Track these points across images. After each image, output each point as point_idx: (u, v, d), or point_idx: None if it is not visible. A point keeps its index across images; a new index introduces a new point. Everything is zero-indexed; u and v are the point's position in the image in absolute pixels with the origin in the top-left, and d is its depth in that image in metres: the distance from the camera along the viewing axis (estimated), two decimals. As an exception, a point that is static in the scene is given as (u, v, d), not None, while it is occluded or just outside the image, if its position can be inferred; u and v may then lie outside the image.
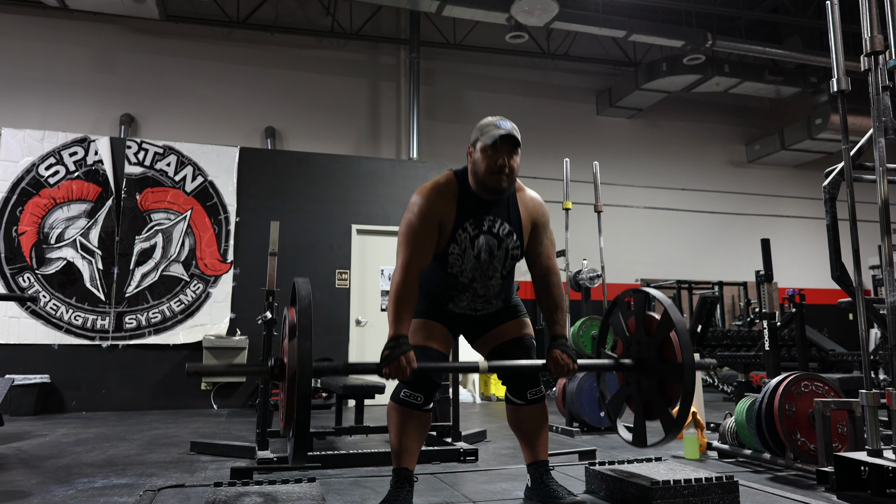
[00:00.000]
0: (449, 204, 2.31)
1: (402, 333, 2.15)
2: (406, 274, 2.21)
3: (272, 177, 6.97)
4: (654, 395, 2.43)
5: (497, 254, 2.35)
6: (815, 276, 11.33)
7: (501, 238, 2.35)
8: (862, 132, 3.00)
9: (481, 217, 2.33)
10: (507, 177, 2.27)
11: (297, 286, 2.17)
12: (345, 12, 9.76)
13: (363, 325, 6.91)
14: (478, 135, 2.31)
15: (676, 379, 2.34)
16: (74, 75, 8.71)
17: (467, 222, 2.32)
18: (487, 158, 2.26)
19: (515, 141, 2.27)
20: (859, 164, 2.86)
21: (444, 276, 2.37)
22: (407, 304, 2.19)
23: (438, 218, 2.28)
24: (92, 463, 3.42)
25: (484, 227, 2.33)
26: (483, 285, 2.38)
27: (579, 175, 8.05)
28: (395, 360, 2.10)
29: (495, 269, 2.37)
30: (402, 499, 2.25)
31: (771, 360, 4.85)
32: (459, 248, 2.31)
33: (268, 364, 2.20)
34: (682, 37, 9.15)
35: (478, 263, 2.34)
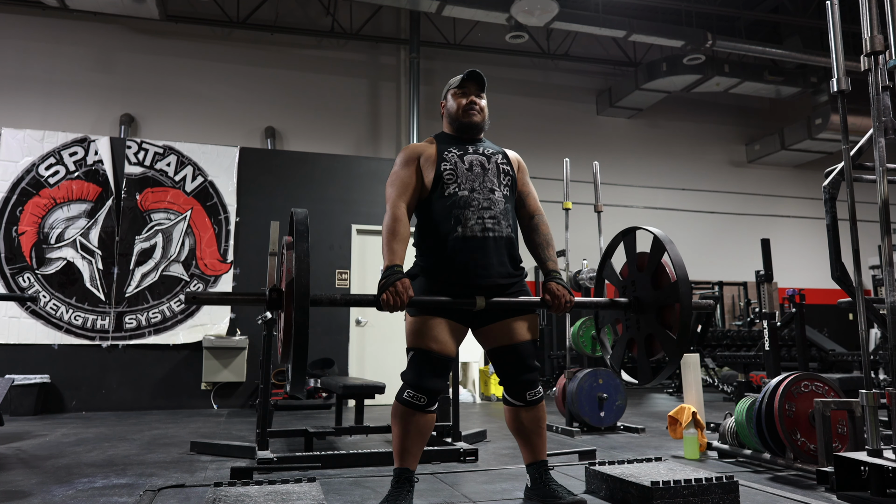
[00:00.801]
0: (428, 146, 2.46)
1: (397, 263, 2.22)
2: (394, 209, 2.31)
3: (272, 177, 6.97)
4: (655, 325, 2.41)
5: (489, 167, 2.43)
6: (815, 276, 11.33)
7: (488, 156, 2.46)
8: (862, 132, 3.00)
9: (463, 146, 2.47)
10: (478, 112, 2.49)
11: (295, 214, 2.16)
12: (345, 12, 9.76)
13: (363, 325, 6.91)
14: (447, 88, 2.56)
15: (673, 298, 2.31)
16: (74, 75, 8.71)
17: (450, 149, 2.44)
18: (457, 98, 2.49)
19: (481, 78, 2.49)
20: (859, 164, 2.86)
21: (446, 206, 2.35)
22: (398, 235, 2.27)
23: (416, 155, 2.42)
24: (92, 463, 3.43)
25: (469, 150, 2.46)
26: (485, 197, 2.37)
27: (579, 175, 8.05)
28: (392, 287, 2.14)
29: (492, 182, 2.42)
30: (403, 499, 2.25)
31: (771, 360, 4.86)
32: (450, 164, 2.40)
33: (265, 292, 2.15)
34: (682, 37, 9.15)
35: (472, 175, 2.40)
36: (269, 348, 3.61)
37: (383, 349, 6.83)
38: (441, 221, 2.36)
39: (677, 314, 2.31)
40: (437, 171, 2.38)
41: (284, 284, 2.11)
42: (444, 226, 2.35)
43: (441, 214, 2.36)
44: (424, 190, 2.40)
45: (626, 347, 2.58)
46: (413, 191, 2.38)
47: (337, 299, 2.18)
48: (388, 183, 2.41)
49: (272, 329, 3.63)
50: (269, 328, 3.62)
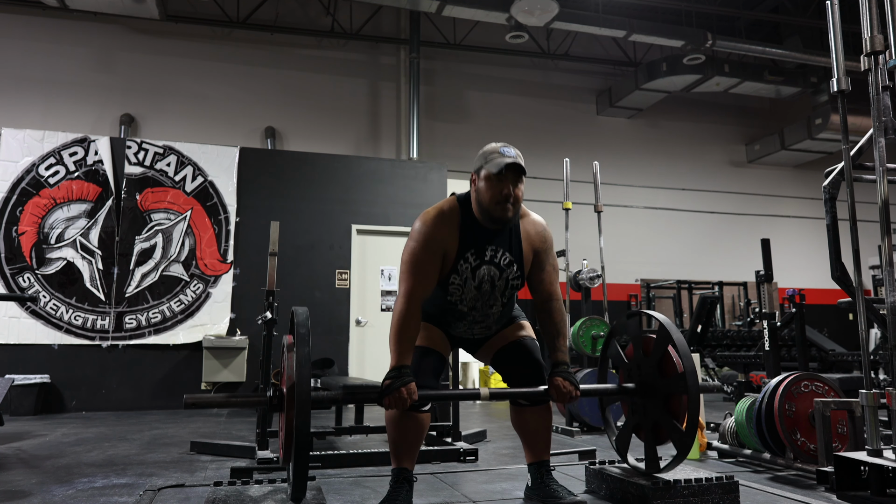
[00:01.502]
0: (452, 232, 2.28)
1: (404, 364, 2.14)
2: (409, 304, 2.19)
3: (272, 177, 6.97)
4: (662, 413, 2.38)
5: (497, 283, 2.34)
6: (815, 276, 11.33)
7: (502, 268, 2.33)
8: (862, 132, 3.00)
9: (483, 246, 2.31)
10: (512, 206, 2.24)
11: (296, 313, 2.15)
12: (345, 12, 9.76)
13: (363, 325, 6.91)
14: (481, 162, 2.27)
15: (681, 389, 2.29)
16: (74, 75, 8.71)
17: (469, 252, 2.29)
18: (492, 188, 2.22)
19: (521, 169, 2.23)
20: (859, 164, 2.86)
21: (444, 302, 2.37)
22: (409, 333, 2.17)
23: (442, 247, 2.26)
24: (92, 463, 3.42)
25: (486, 256, 2.31)
26: (482, 314, 2.39)
27: (579, 175, 8.06)
28: (397, 392, 2.09)
29: (495, 299, 2.37)
30: (402, 499, 2.25)
31: (771, 360, 4.86)
32: (460, 279, 2.30)
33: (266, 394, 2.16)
34: (682, 37, 9.15)
35: (478, 294, 2.33)
36: (269, 348, 3.61)
37: (383, 349, 6.81)
38: (435, 309, 2.41)
39: (685, 405, 2.28)
40: (448, 277, 2.31)
41: (285, 386, 2.11)
42: (436, 313, 2.42)
43: (437, 305, 2.40)
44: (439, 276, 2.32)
45: (632, 430, 2.54)
46: (432, 282, 2.27)
47: (338, 399, 2.24)
48: (406, 263, 2.25)
49: (272, 329, 3.63)
50: (269, 328, 3.62)
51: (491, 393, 2.26)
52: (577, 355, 5.07)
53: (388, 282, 7.06)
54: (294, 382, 1.98)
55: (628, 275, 10.61)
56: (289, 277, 6.45)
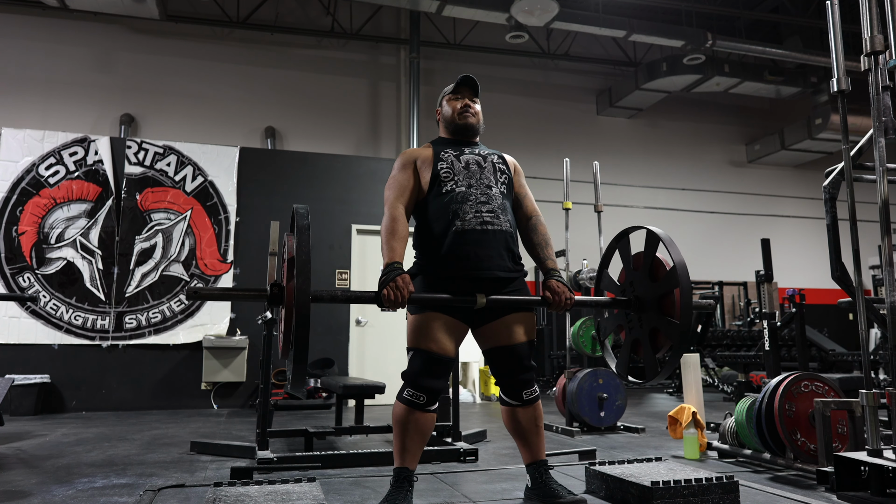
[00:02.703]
0: (424, 150, 2.51)
1: (397, 260, 2.24)
2: (392, 209, 2.35)
3: (272, 177, 6.97)
4: (645, 337, 2.43)
5: (485, 165, 2.47)
6: (815, 276, 11.34)
7: (484, 156, 2.50)
8: (862, 132, 3.00)
9: (459, 148, 2.51)
10: (473, 115, 2.52)
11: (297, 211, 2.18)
12: (345, 12, 9.76)
13: (363, 325, 6.91)
14: (441, 95, 2.62)
15: (672, 283, 2.33)
16: (74, 75, 8.71)
17: (447, 150, 2.49)
18: (453, 103, 2.54)
19: (474, 83, 2.54)
20: (859, 164, 2.86)
21: (443, 203, 2.37)
22: (396, 233, 2.30)
23: (413, 159, 2.47)
24: (92, 463, 3.43)
25: (465, 151, 2.50)
26: (482, 192, 2.40)
27: (579, 175, 8.05)
28: (392, 282, 2.16)
29: (489, 179, 2.45)
30: (402, 499, 2.25)
31: (771, 360, 4.86)
32: (447, 164, 2.43)
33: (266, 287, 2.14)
34: (682, 37, 9.15)
35: (469, 172, 2.43)
36: (269, 348, 3.61)
37: (383, 349, 6.83)
38: (439, 218, 2.38)
39: (677, 299, 2.30)
40: (433, 171, 2.42)
41: (286, 280, 2.10)
42: (442, 222, 2.37)
43: (439, 211, 2.38)
44: (422, 191, 2.43)
45: (630, 350, 2.56)
46: (410, 193, 2.42)
47: (338, 296, 2.19)
48: (386, 187, 2.46)
49: (272, 329, 3.63)
50: (269, 328, 3.62)
51: (488, 300, 2.24)
52: (577, 355, 5.08)
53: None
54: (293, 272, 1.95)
55: (628, 275, 10.59)
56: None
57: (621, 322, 2.61)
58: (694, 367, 4.20)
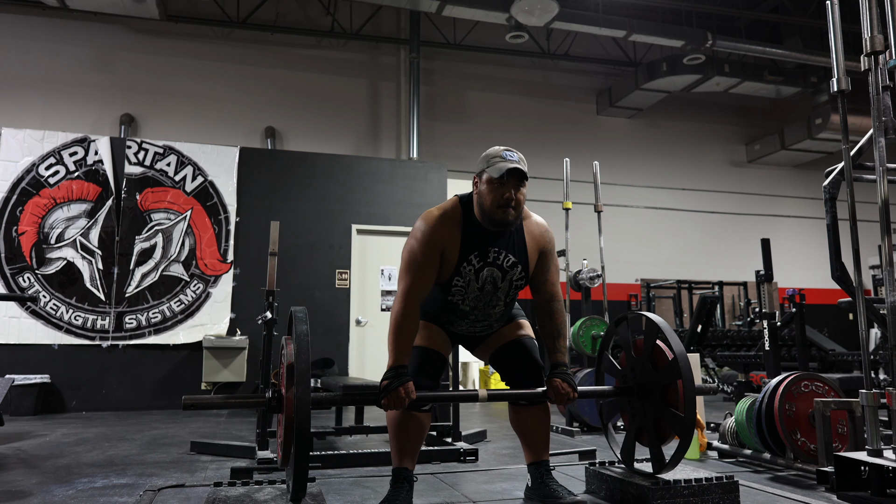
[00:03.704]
0: (453, 232, 2.28)
1: (402, 364, 2.15)
2: (407, 302, 2.20)
3: (272, 177, 6.97)
4: (660, 407, 2.40)
5: (501, 285, 2.35)
6: (815, 276, 11.33)
7: (506, 270, 2.34)
8: (862, 132, 3.00)
9: (486, 249, 2.30)
10: (514, 210, 2.24)
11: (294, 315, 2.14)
12: (345, 12, 9.76)
13: (363, 325, 6.91)
14: (484, 165, 2.27)
15: (675, 375, 2.30)
16: (74, 75, 8.71)
17: (472, 255, 2.29)
18: (494, 191, 2.22)
19: (523, 174, 2.24)
20: (859, 164, 2.86)
21: (445, 303, 2.37)
22: (407, 333, 2.19)
23: (441, 246, 2.26)
24: (92, 463, 3.42)
25: (489, 258, 2.31)
26: (485, 314, 2.40)
27: (579, 175, 8.05)
28: (394, 392, 2.11)
29: (498, 299, 2.38)
30: (402, 499, 2.25)
31: (771, 360, 4.86)
32: (463, 281, 2.31)
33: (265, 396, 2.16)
34: (682, 37, 9.15)
35: (481, 294, 2.34)
36: (269, 348, 3.61)
37: (383, 349, 6.81)
38: (436, 307, 2.41)
39: (681, 391, 2.28)
40: (450, 278, 2.31)
41: (284, 386, 2.11)
42: (437, 311, 2.42)
43: (439, 303, 2.39)
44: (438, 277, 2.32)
45: (634, 437, 2.53)
46: (429, 284, 2.28)
47: (337, 400, 2.23)
48: (405, 261, 2.27)
49: (272, 329, 3.63)
50: (269, 328, 3.62)
51: (489, 394, 2.26)
52: (577, 355, 5.08)
53: (388, 282, 7.06)
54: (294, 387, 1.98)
55: (628, 275, 10.61)
56: (289, 277, 6.45)
57: (623, 407, 2.59)
58: (694, 367, 4.19)
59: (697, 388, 2.34)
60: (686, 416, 2.26)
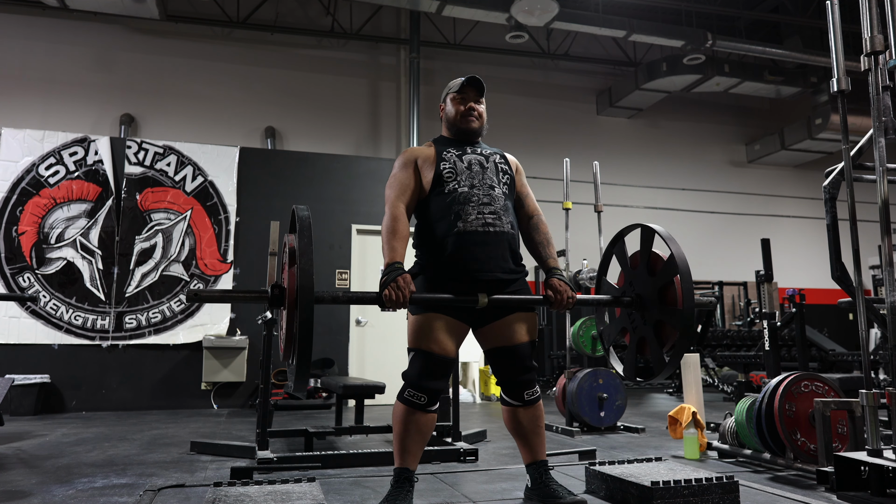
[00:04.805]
0: (426, 149, 2.49)
1: (398, 260, 2.23)
2: (393, 209, 2.34)
3: (272, 177, 6.97)
4: (650, 333, 2.40)
5: (487, 165, 2.46)
6: (815, 276, 11.33)
7: (486, 156, 2.50)
8: (862, 132, 3.00)
9: (462, 147, 2.50)
10: (476, 118, 2.51)
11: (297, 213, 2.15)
12: (345, 12, 9.76)
13: (363, 325, 6.91)
14: (446, 91, 2.58)
15: (674, 323, 2.30)
16: (74, 75, 8.71)
17: (449, 150, 2.47)
18: (457, 104, 2.51)
19: (480, 84, 2.51)
20: (859, 164, 2.86)
21: (445, 203, 2.36)
22: (397, 232, 2.29)
23: (414, 157, 2.45)
24: (92, 463, 3.43)
25: (467, 150, 2.49)
26: (485, 193, 2.39)
27: (579, 175, 8.05)
28: (393, 282, 2.15)
29: (492, 180, 2.44)
30: (403, 499, 2.25)
31: (771, 360, 4.86)
32: (449, 164, 2.42)
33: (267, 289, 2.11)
34: (682, 37, 9.15)
35: (471, 173, 2.42)
36: (269, 348, 3.61)
37: (383, 349, 6.83)
38: (441, 218, 2.37)
39: (678, 285, 2.27)
40: (436, 171, 2.41)
41: (287, 281, 2.09)
42: (444, 222, 2.36)
43: (441, 212, 2.37)
44: (423, 191, 2.42)
45: (636, 350, 2.52)
46: (412, 192, 2.40)
47: (339, 297, 2.16)
48: (387, 185, 2.44)
49: (272, 329, 3.63)
50: (269, 328, 3.62)
51: (490, 300, 2.24)
52: (577, 355, 5.08)
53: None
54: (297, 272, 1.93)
55: (628, 275, 10.59)
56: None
57: (624, 325, 2.58)
58: (694, 367, 4.20)
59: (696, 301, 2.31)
60: (685, 308, 2.24)
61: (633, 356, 2.54)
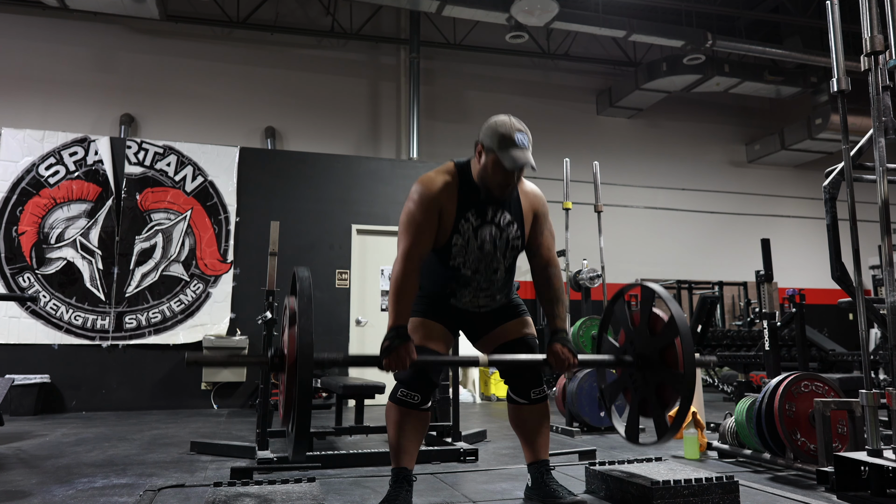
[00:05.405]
0: (450, 193, 2.28)
1: (402, 324, 2.15)
2: (407, 262, 2.19)
3: (272, 177, 6.97)
4: (651, 394, 2.41)
5: (499, 244, 2.34)
6: (815, 276, 11.33)
7: (503, 228, 2.35)
8: (862, 132, 3.00)
9: (483, 207, 2.32)
10: (512, 190, 2.32)
11: (298, 274, 2.15)
12: (345, 12, 9.76)
13: (363, 325, 6.91)
14: (492, 142, 2.23)
15: (676, 387, 2.30)
16: (74, 75, 8.71)
17: (469, 212, 2.30)
18: (499, 174, 2.24)
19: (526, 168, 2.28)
20: (859, 164, 2.86)
21: (446, 271, 2.35)
22: (407, 293, 2.18)
23: (438, 206, 2.25)
24: (92, 463, 3.43)
25: (486, 216, 2.32)
26: (486, 279, 2.37)
27: (579, 175, 8.05)
28: (395, 352, 2.10)
29: (498, 262, 2.36)
30: (402, 498, 2.25)
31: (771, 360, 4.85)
32: (463, 239, 2.29)
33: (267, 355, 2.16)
34: (682, 37, 9.15)
35: (481, 255, 2.32)
36: (268, 348, 3.60)
37: (383, 349, 6.82)
38: (438, 279, 2.37)
39: (679, 349, 2.28)
40: (449, 237, 2.29)
41: (287, 346, 2.11)
42: (439, 284, 2.38)
43: (440, 274, 2.36)
44: (436, 242, 2.31)
45: (638, 410, 2.52)
46: (429, 241, 2.26)
47: (339, 360, 2.20)
48: (403, 223, 2.25)
49: (272, 329, 3.63)
50: (269, 328, 3.62)
51: (490, 360, 2.26)
52: (577, 355, 5.07)
53: (389, 282, 7.06)
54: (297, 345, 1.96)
55: (628, 275, 10.59)
56: (289, 277, 6.44)
57: (626, 384, 2.57)
58: (694, 367, 4.19)
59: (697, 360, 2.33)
60: (686, 372, 2.24)
61: (635, 416, 2.54)
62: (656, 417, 2.40)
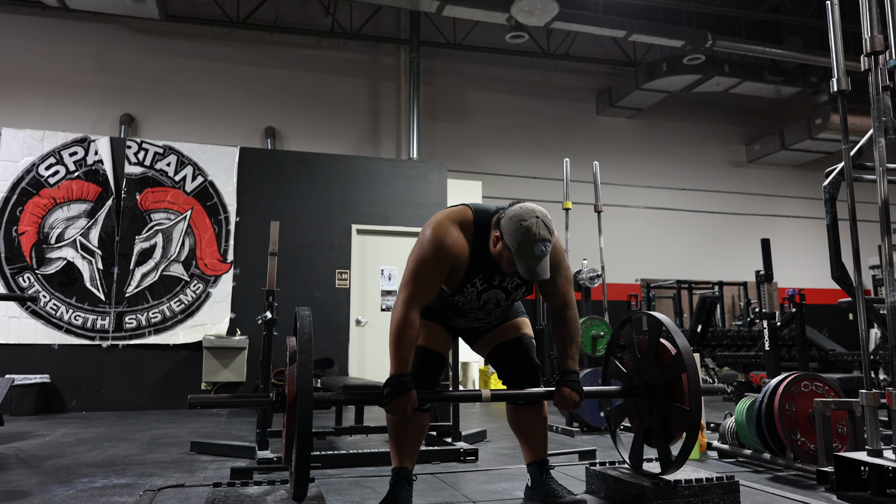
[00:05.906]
0: (463, 253, 2.21)
1: (404, 372, 2.12)
2: (408, 310, 2.14)
3: (272, 177, 6.97)
4: (656, 425, 2.41)
5: (504, 304, 2.38)
6: (815, 276, 11.33)
7: (510, 291, 2.34)
8: (862, 132, 3.00)
9: (492, 274, 2.27)
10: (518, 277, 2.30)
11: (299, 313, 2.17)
12: (345, 12, 9.76)
13: (363, 325, 6.91)
14: (512, 242, 2.11)
15: (681, 423, 2.31)
16: (74, 75, 8.71)
17: (477, 278, 2.26)
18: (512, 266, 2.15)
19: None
20: (859, 164, 2.86)
21: (445, 302, 2.36)
22: (408, 341, 2.13)
23: (452, 264, 2.20)
24: (92, 463, 3.42)
25: (494, 282, 2.29)
26: (480, 319, 2.42)
27: (579, 175, 8.05)
28: (397, 401, 2.11)
29: (495, 315, 2.43)
30: (402, 498, 2.25)
31: (771, 360, 4.85)
32: (465, 298, 2.30)
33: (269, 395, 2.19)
34: (682, 37, 9.15)
35: (482, 311, 2.37)
36: (269, 348, 3.61)
37: (383, 349, 6.81)
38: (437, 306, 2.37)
39: (685, 385, 2.28)
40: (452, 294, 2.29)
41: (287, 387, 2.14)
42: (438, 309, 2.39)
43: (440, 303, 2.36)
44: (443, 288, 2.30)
45: (643, 439, 2.53)
46: (434, 294, 2.23)
47: (340, 399, 2.24)
48: (412, 269, 2.19)
49: (272, 329, 3.63)
50: (269, 328, 3.62)
51: (493, 394, 2.27)
52: (577, 355, 5.07)
53: (388, 282, 7.06)
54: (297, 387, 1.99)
55: (628, 275, 10.61)
56: (289, 277, 6.45)
57: (631, 410, 2.59)
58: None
59: (704, 387, 2.34)
60: (692, 409, 2.25)
61: (639, 444, 2.54)
62: (660, 449, 2.41)
